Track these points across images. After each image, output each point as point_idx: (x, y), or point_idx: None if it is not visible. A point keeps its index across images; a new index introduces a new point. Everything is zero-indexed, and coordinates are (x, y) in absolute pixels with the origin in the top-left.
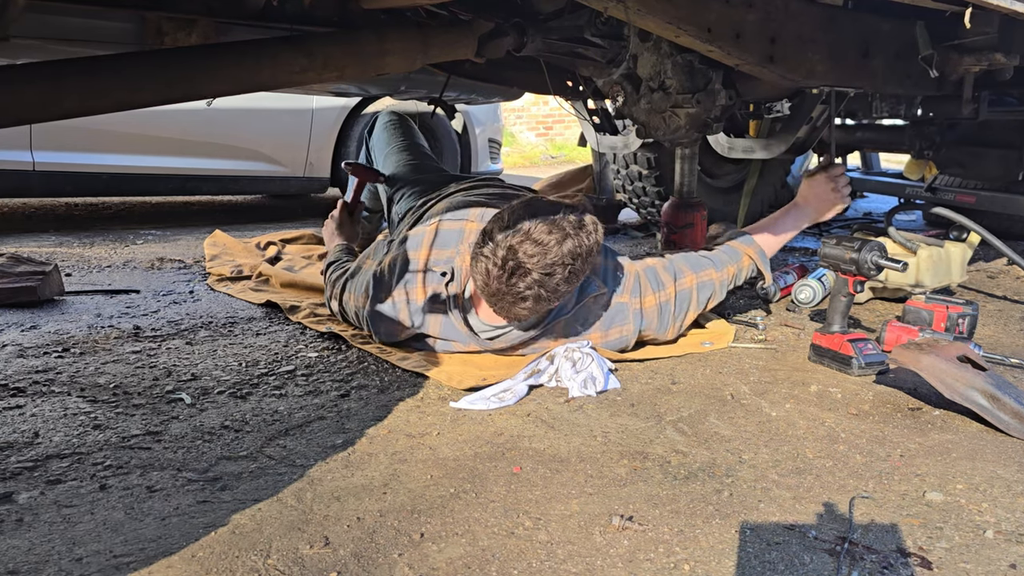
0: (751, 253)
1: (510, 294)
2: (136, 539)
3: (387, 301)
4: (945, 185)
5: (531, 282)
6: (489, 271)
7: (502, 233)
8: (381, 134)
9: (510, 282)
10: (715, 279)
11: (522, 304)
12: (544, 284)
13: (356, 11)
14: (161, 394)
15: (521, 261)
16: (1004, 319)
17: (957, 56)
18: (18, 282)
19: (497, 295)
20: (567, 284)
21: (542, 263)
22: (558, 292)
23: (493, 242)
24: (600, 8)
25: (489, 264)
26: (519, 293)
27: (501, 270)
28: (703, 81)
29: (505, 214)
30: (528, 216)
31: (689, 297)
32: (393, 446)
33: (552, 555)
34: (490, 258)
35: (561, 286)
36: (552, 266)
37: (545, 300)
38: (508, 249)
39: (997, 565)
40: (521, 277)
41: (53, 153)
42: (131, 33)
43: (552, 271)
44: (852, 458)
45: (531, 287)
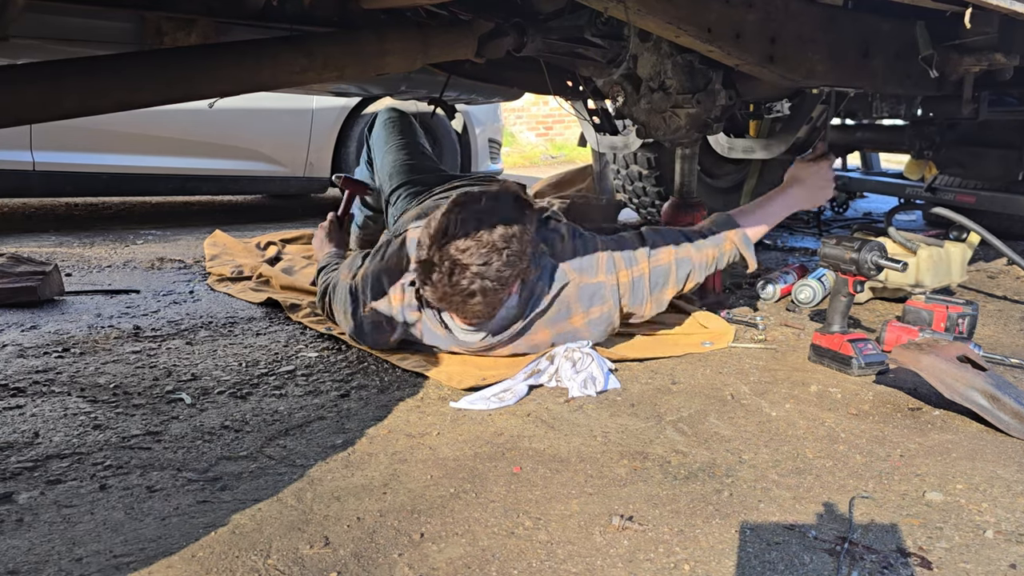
0: (734, 238)
1: (457, 294)
2: (136, 539)
3: (369, 312)
4: (945, 185)
5: (472, 276)
6: (430, 277)
7: (427, 239)
8: (380, 131)
9: (452, 281)
10: (693, 257)
11: (472, 300)
12: (485, 274)
13: (356, 11)
14: (161, 394)
15: (456, 259)
16: (1004, 319)
17: (957, 56)
18: (18, 282)
19: (446, 298)
20: (509, 267)
21: (476, 254)
22: (502, 278)
23: (423, 246)
24: (600, 8)
25: (428, 268)
26: (464, 290)
27: (440, 274)
28: (703, 81)
29: (431, 220)
30: (444, 212)
31: (667, 273)
32: (393, 446)
33: (552, 555)
34: (426, 264)
35: (504, 271)
36: (488, 254)
37: (492, 291)
38: (441, 252)
39: (997, 565)
40: (461, 274)
41: (53, 153)
42: (131, 33)
43: (489, 259)
44: (852, 458)
45: (473, 281)
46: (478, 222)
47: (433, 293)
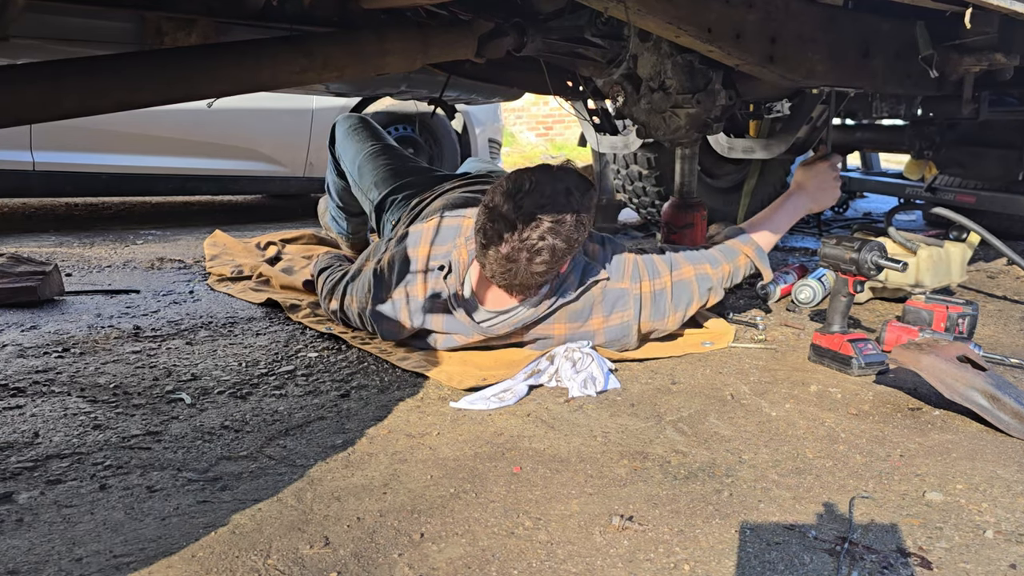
0: (748, 252)
1: (525, 249)
2: (136, 539)
3: (388, 300)
4: (945, 185)
5: (544, 231)
6: (501, 233)
7: (505, 195)
8: (347, 141)
9: (523, 236)
10: (711, 274)
11: (538, 259)
12: (558, 231)
13: (356, 11)
14: (161, 394)
15: (532, 212)
16: (1004, 319)
17: (957, 56)
18: (18, 282)
19: (511, 256)
20: (576, 232)
21: (552, 211)
22: (571, 240)
23: (497, 204)
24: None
25: (500, 225)
26: (534, 246)
27: (513, 224)
28: (703, 81)
29: (502, 182)
30: (527, 175)
31: (690, 288)
32: (393, 446)
33: (552, 555)
34: (500, 219)
35: (573, 234)
36: (562, 214)
37: (560, 252)
38: (516, 205)
39: (997, 565)
40: (534, 228)
41: (53, 153)
42: (131, 33)
43: (563, 219)
44: (852, 458)
45: (544, 237)
46: (553, 185)
47: (496, 251)
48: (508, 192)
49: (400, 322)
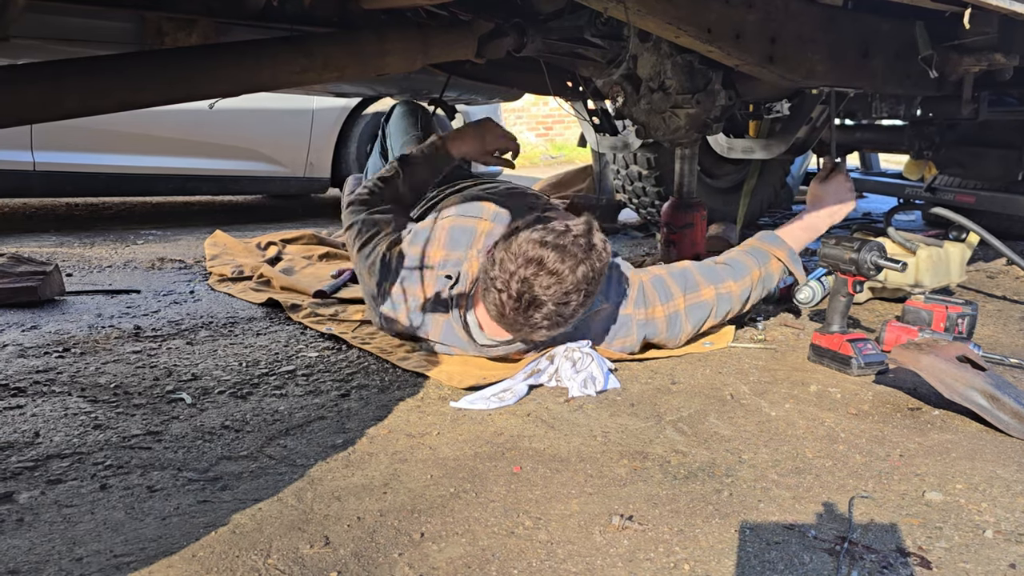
0: (782, 256)
1: (527, 324)
2: (136, 539)
3: (390, 292)
4: (944, 185)
5: (547, 312)
6: (504, 303)
7: (514, 263)
8: (399, 122)
9: (527, 314)
10: (734, 291)
11: (538, 332)
12: (560, 312)
13: (356, 11)
14: (161, 394)
15: (536, 294)
16: (1003, 319)
17: (957, 56)
18: (19, 282)
19: (514, 325)
20: (581, 307)
21: (558, 293)
22: (574, 316)
23: (505, 273)
24: (600, 8)
25: (504, 296)
26: (536, 324)
27: (517, 302)
28: (703, 81)
29: (515, 240)
30: (540, 242)
31: (707, 308)
32: (393, 446)
33: (552, 555)
34: (504, 291)
35: (577, 311)
36: (567, 294)
37: (560, 325)
38: (522, 282)
39: (996, 565)
40: (537, 309)
41: (54, 153)
42: (131, 33)
43: (568, 299)
44: (852, 458)
45: (548, 317)
46: (563, 258)
47: (500, 315)
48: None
49: (396, 320)
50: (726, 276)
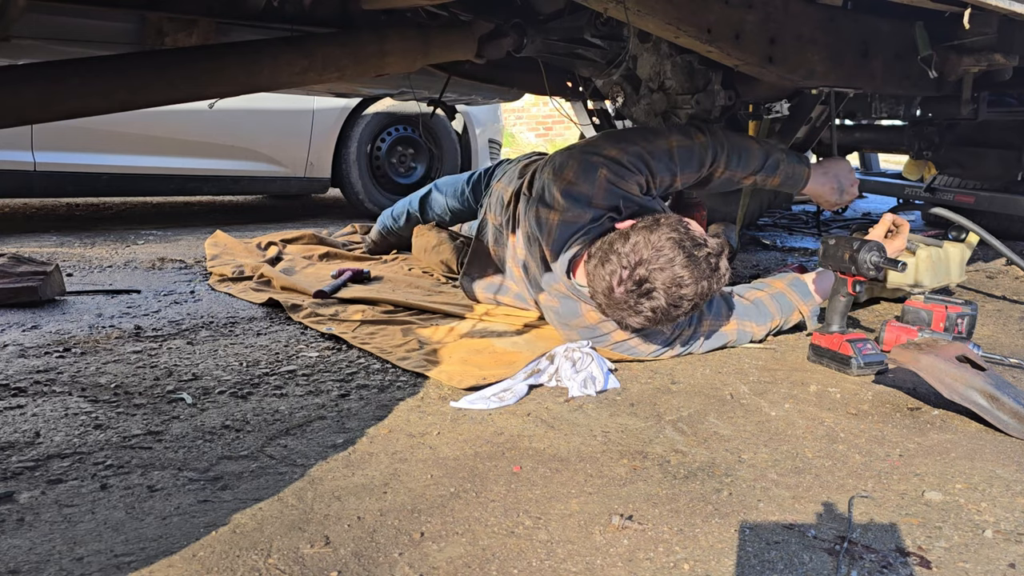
0: (805, 311)
1: (631, 308)
2: (137, 538)
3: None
4: (944, 185)
5: (655, 306)
6: (622, 280)
7: (648, 250)
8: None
9: (637, 299)
10: (755, 332)
11: (635, 318)
12: (667, 313)
13: (356, 12)
14: (162, 394)
15: (655, 287)
16: (1003, 319)
17: (956, 56)
18: (19, 282)
19: (616, 303)
20: (684, 317)
21: (674, 296)
22: (673, 321)
23: (636, 254)
24: (600, 9)
25: (624, 274)
26: (639, 311)
27: (634, 285)
28: (703, 82)
29: (657, 229)
30: (678, 243)
31: (725, 340)
32: (393, 446)
33: (552, 554)
34: (627, 268)
35: (678, 318)
36: (681, 299)
37: (658, 323)
38: (649, 270)
39: (996, 564)
40: (649, 299)
41: (54, 153)
42: (132, 33)
43: (679, 304)
44: (851, 458)
45: (653, 310)
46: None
47: (608, 288)
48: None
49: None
50: (750, 316)
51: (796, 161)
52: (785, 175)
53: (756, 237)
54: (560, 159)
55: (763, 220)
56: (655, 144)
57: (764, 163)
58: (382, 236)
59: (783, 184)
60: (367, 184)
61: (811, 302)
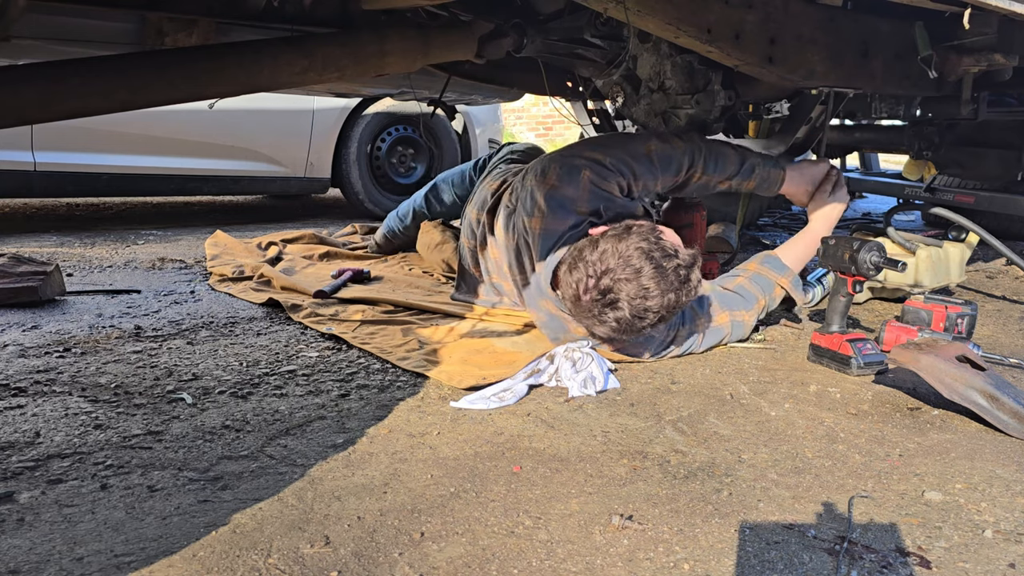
0: (785, 284)
1: (595, 317)
2: (137, 538)
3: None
4: (944, 185)
5: (620, 317)
6: (588, 288)
7: (614, 259)
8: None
9: (601, 309)
10: (746, 320)
11: (600, 328)
12: (631, 324)
13: (356, 12)
14: (162, 394)
15: (619, 298)
16: (1003, 319)
17: (956, 56)
18: (19, 282)
19: (583, 311)
20: (651, 328)
21: (639, 308)
22: (640, 333)
23: (603, 264)
24: (600, 9)
25: (590, 283)
26: (604, 320)
27: (599, 295)
28: (703, 82)
29: (626, 239)
30: (646, 254)
31: (723, 335)
32: (393, 446)
33: (552, 554)
34: (592, 277)
35: (645, 329)
36: (646, 311)
37: (623, 333)
38: (614, 281)
39: (996, 564)
40: (613, 309)
41: (54, 153)
42: (132, 34)
43: (644, 316)
44: (851, 458)
45: (618, 321)
46: (659, 280)
47: (575, 296)
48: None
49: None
50: (739, 305)
51: (772, 166)
52: (760, 179)
53: (756, 237)
54: (542, 165)
55: (763, 220)
56: (635, 148)
57: (740, 168)
58: (387, 240)
59: (758, 187)
60: (367, 184)
61: (788, 273)
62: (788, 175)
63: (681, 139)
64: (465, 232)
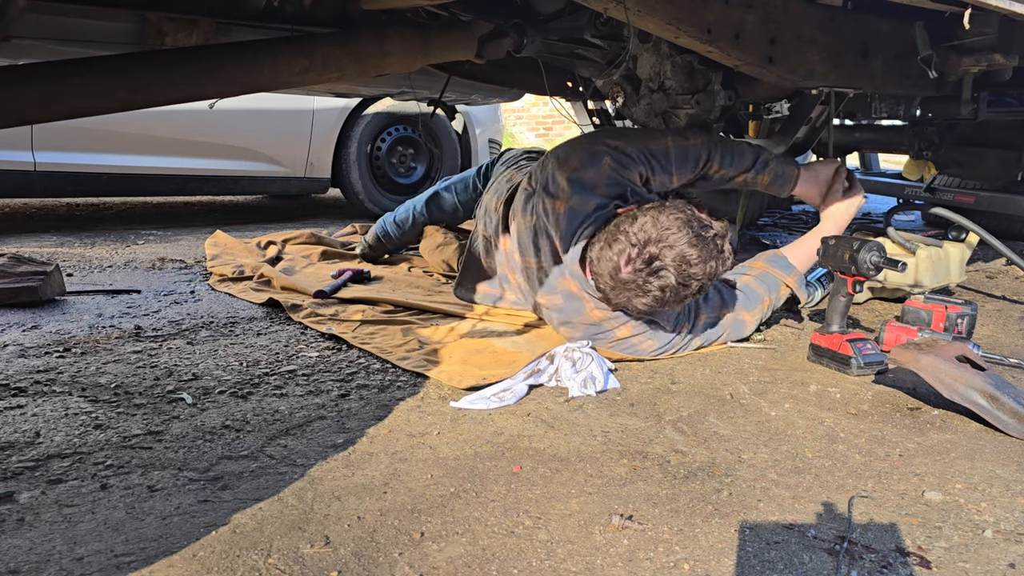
0: (791, 283)
1: (639, 288)
2: (137, 538)
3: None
4: (944, 185)
5: (665, 284)
6: (630, 259)
7: (656, 229)
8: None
9: (646, 278)
10: (747, 321)
11: (642, 299)
12: (676, 292)
13: (356, 12)
14: (162, 394)
15: (664, 264)
16: (1003, 319)
17: (956, 57)
18: (19, 282)
19: (623, 284)
20: (690, 297)
21: (684, 273)
22: (680, 302)
23: (644, 233)
24: (600, 9)
25: (633, 253)
26: (649, 290)
27: (643, 264)
28: (703, 82)
29: (664, 210)
30: (686, 223)
31: (722, 331)
32: (393, 445)
33: (552, 554)
34: (636, 246)
35: (685, 299)
36: (690, 278)
37: (666, 304)
38: (660, 249)
39: (996, 564)
40: (659, 277)
41: (54, 153)
42: (132, 34)
43: (688, 283)
44: (851, 458)
45: (663, 289)
46: (700, 248)
47: (614, 269)
48: (657, 227)
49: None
50: (741, 304)
51: (785, 163)
52: (775, 174)
53: (756, 237)
54: (564, 151)
55: (763, 220)
56: (654, 143)
57: (755, 162)
58: (380, 242)
59: (772, 183)
60: (367, 184)
61: (794, 273)
62: (802, 175)
63: (696, 135)
64: (481, 220)
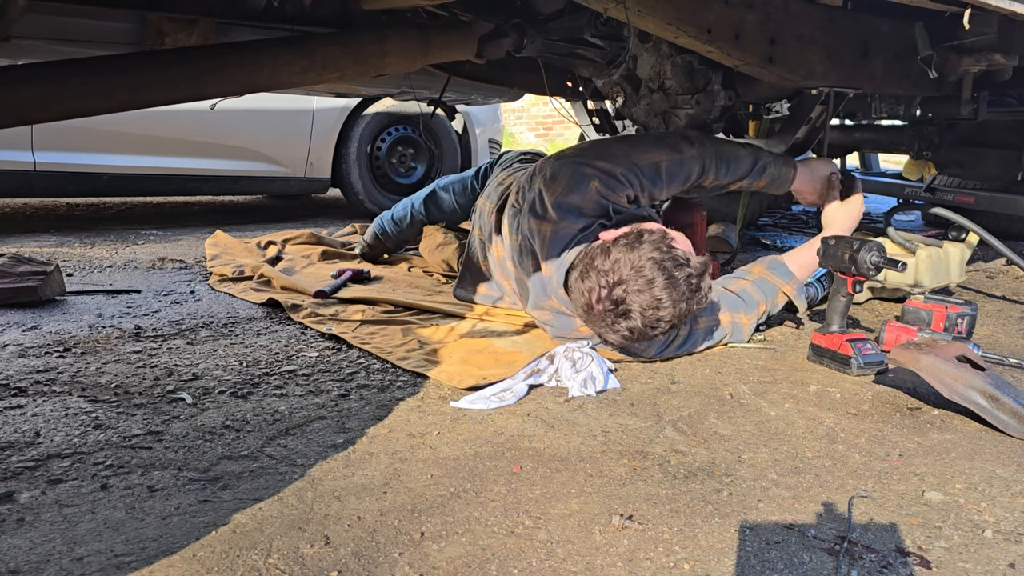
0: (789, 291)
1: (608, 326)
2: (137, 538)
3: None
4: (944, 185)
5: (632, 327)
6: (600, 298)
7: (627, 269)
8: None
9: (614, 318)
10: (744, 324)
11: (611, 335)
12: (643, 333)
13: (356, 12)
14: (162, 394)
15: (631, 308)
16: (1003, 319)
17: (956, 56)
18: (19, 282)
19: (595, 319)
20: (662, 335)
21: (652, 318)
22: (651, 340)
23: (615, 273)
24: (600, 9)
25: (603, 292)
26: (617, 329)
27: (611, 304)
28: (703, 82)
29: (638, 248)
30: (659, 264)
31: (721, 335)
32: (393, 445)
33: (552, 554)
34: (605, 287)
35: (656, 337)
36: (659, 321)
37: (635, 341)
38: (626, 291)
39: (996, 564)
40: (626, 319)
41: (54, 153)
42: (132, 34)
43: (656, 326)
44: (851, 458)
45: (631, 330)
46: (671, 290)
47: (587, 304)
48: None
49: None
50: (739, 307)
51: (783, 164)
52: (772, 177)
53: (756, 237)
54: (551, 169)
55: (763, 220)
56: (645, 158)
57: (752, 168)
58: (379, 240)
59: (769, 186)
60: (367, 184)
61: (793, 281)
62: (799, 173)
63: (692, 145)
64: (476, 224)
